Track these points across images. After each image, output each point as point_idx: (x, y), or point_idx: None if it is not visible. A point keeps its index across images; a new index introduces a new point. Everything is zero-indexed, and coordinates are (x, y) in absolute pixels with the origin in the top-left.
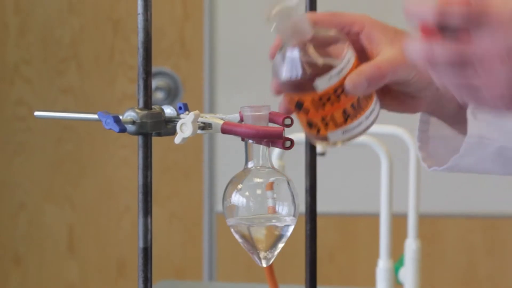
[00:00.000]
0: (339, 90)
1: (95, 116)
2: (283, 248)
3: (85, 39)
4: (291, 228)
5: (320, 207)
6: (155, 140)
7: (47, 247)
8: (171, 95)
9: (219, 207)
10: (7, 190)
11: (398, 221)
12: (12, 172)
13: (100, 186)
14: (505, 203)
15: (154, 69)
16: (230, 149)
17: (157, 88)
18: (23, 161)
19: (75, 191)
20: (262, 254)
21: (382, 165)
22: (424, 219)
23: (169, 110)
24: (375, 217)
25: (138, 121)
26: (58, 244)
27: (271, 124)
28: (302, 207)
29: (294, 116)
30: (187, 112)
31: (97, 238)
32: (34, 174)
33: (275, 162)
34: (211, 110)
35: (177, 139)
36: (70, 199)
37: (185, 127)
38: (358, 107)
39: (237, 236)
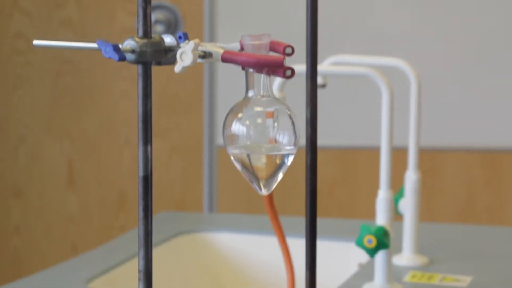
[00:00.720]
0: None
1: (94, 45)
2: (283, 180)
3: None
4: (291, 158)
5: (321, 141)
6: (156, 73)
7: (47, 181)
8: (171, 29)
9: (219, 140)
10: (7, 124)
11: (399, 155)
12: (12, 105)
13: (100, 120)
14: (505, 137)
15: (154, 2)
16: (230, 81)
17: (157, 22)
18: (23, 95)
19: (75, 124)
20: (262, 183)
21: (383, 98)
22: (424, 153)
23: (169, 39)
24: (376, 150)
25: (138, 50)
26: (59, 177)
27: (271, 54)
28: (302, 140)
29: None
30: (187, 41)
31: (97, 171)
32: (34, 107)
33: (276, 93)
34: (211, 41)
35: (177, 68)
36: (70, 132)
37: (185, 56)
38: None
39: (237, 165)
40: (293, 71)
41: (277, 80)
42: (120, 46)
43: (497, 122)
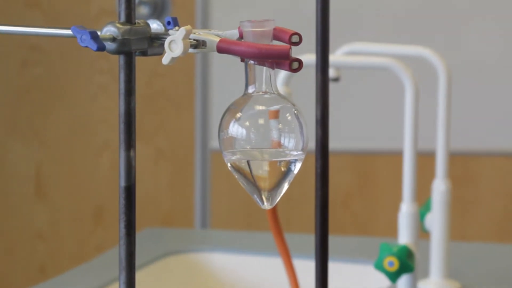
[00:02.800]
0: None
1: (68, 31)
2: (289, 191)
3: None
4: (298, 165)
5: (333, 143)
6: (140, 64)
7: (11, 190)
8: (157, 11)
9: (214, 143)
10: None
11: (425, 161)
12: None
13: (73, 119)
14: None
15: None
16: (227, 75)
17: (141, 3)
18: None
19: (44, 124)
20: (264, 194)
21: (407, 93)
22: (455, 158)
23: (155, 25)
24: (398, 155)
25: (119, 37)
26: (25, 186)
27: (275, 42)
28: (312, 143)
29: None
30: (177, 28)
31: (70, 179)
32: None
33: (280, 89)
34: (205, 27)
35: (165, 59)
36: (38, 133)
37: (175, 45)
38: None
39: (235, 174)
40: (300, 63)
41: (282, 74)
42: (99, 33)
43: None
